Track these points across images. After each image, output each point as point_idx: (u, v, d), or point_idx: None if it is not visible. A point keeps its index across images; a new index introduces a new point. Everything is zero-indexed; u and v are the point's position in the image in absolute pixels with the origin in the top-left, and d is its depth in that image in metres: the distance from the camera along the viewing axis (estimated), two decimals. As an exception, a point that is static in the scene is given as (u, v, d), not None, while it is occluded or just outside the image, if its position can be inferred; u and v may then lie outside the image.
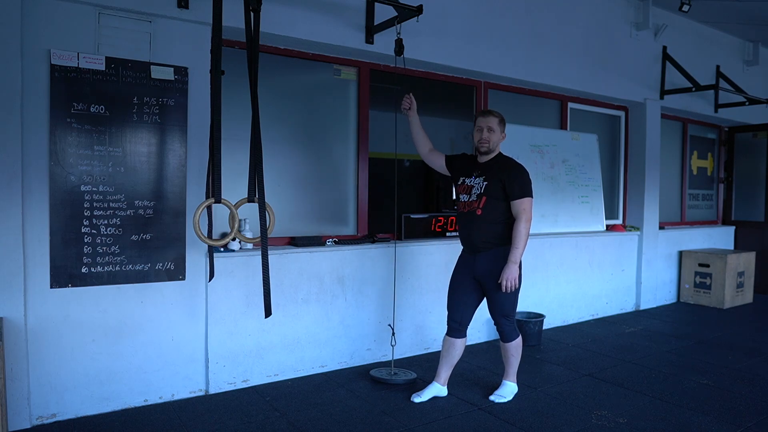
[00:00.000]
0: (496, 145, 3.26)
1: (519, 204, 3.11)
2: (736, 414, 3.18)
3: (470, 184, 3.26)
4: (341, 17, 3.74)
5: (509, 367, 3.39)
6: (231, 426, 2.95)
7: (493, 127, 3.22)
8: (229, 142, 3.40)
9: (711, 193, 7.39)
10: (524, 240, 3.11)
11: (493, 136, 3.22)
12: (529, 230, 3.14)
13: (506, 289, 3.10)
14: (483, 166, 3.27)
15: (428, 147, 3.53)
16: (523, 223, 3.10)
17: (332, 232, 4.09)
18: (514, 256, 3.10)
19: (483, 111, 3.34)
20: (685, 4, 5.26)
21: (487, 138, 3.22)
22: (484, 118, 3.26)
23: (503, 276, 3.09)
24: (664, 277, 6.31)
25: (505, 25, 4.61)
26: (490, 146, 3.23)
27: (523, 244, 3.10)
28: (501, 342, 3.35)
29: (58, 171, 2.92)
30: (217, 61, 2.85)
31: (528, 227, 3.12)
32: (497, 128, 3.24)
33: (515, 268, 3.10)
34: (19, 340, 2.84)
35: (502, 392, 3.36)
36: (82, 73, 2.95)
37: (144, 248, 3.15)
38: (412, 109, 3.47)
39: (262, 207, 2.90)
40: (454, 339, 3.33)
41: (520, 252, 3.11)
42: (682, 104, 6.20)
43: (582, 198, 5.40)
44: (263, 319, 3.37)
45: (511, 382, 3.41)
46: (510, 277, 3.08)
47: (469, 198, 3.24)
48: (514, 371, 3.40)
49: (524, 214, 3.10)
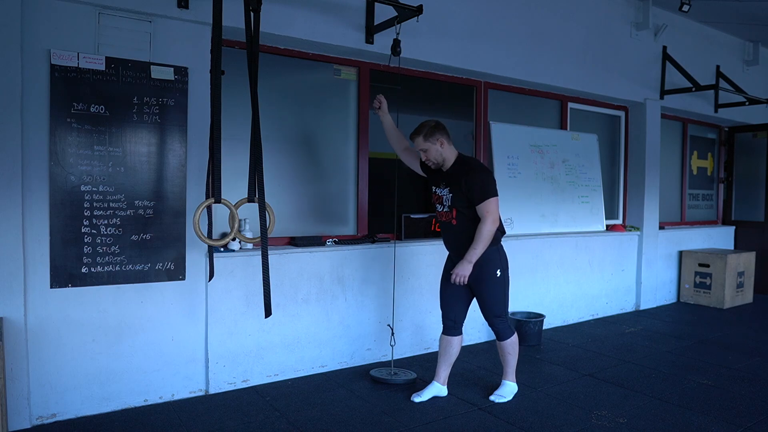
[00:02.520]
0: (441, 156, 3.20)
1: (483, 207, 3.08)
2: (736, 414, 3.18)
3: (440, 194, 3.27)
4: (341, 17, 3.74)
5: (507, 366, 3.39)
6: (231, 426, 2.95)
7: (424, 147, 3.18)
8: (229, 142, 3.40)
9: (711, 193, 7.39)
10: (485, 241, 3.08)
11: (431, 154, 3.19)
12: (493, 231, 3.10)
13: (453, 282, 3.13)
14: (446, 175, 3.25)
15: (403, 145, 3.54)
16: (488, 225, 3.06)
17: (332, 232, 4.09)
18: (469, 255, 3.08)
19: (412, 132, 3.23)
20: (685, 4, 5.26)
21: (427, 158, 3.22)
22: (414, 142, 3.23)
23: (454, 270, 3.13)
24: (664, 277, 6.31)
25: (505, 25, 4.61)
26: (436, 162, 3.22)
27: (482, 245, 3.08)
28: (497, 341, 3.36)
29: (58, 171, 2.92)
30: (217, 61, 2.85)
31: (492, 228, 3.08)
32: (429, 144, 3.17)
33: (468, 267, 3.10)
34: (19, 340, 2.84)
35: (502, 392, 3.37)
36: (82, 73, 2.95)
37: (144, 248, 3.15)
38: (382, 108, 3.49)
39: (262, 207, 2.90)
40: (451, 337, 3.35)
41: (478, 253, 3.09)
42: (682, 104, 6.20)
43: (582, 198, 5.40)
44: (263, 319, 3.37)
45: (511, 381, 3.41)
46: (460, 274, 3.10)
47: (442, 209, 3.27)
48: (512, 370, 3.40)
49: (489, 216, 3.07)
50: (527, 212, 4.96)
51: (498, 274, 3.21)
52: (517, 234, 4.86)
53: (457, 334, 3.35)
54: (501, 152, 4.85)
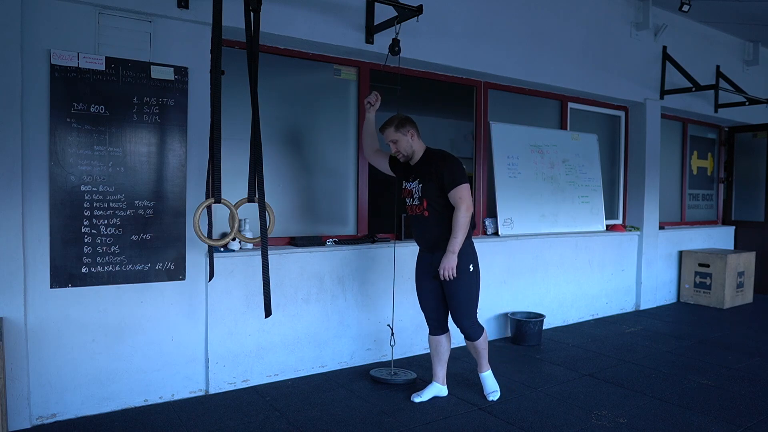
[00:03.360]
0: (411, 148, 3.21)
1: (455, 193, 3.06)
2: (736, 414, 3.18)
3: (410, 188, 3.26)
4: (341, 17, 3.74)
5: (481, 359, 3.37)
6: (231, 426, 2.95)
7: (395, 138, 3.19)
8: (229, 142, 3.40)
9: (711, 193, 7.39)
10: (463, 229, 3.05)
11: (401, 145, 3.20)
12: (468, 218, 3.06)
13: (443, 278, 3.07)
14: (415, 168, 3.25)
15: (375, 147, 3.53)
16: (463, 212, 3.03)
17: (332, 232, 4.09)
18: (452, 245, 3.04)
19: (382, 125, 3.24)
20: (685, 4, 5.26)
21: (397, 150, 3.22)
22: (384, 134, 3.23)
23: (441, 265, 3.06)
24: (664, 277, 6.31)
25: (505, 25, 4.61)
26: (406, 153, 3.22)
27: (462, 233, 3.04)
28: (467, 341, 3.33)
29: (58, 171, 2.92)
30: (217, 61, 2.85)
31: (468, 215, 3.05)
32: (400, 135, 3.18)
33: (453, 257, 3.05)
34: (19, 340, 2.84)
35: (489, 388, 3.36)
36: (82, 73, 2.95)
37: (144, 248, 3.15)
38: (374, 106, 3.46)
39: (262, 207, 2.90)
40: (438, 336, 3.35)
41: (459, 241, 3.05)
42: (682, 104, 6.20)
43: (582, 198, 5.40)
44: (263, 319, 3.37)
45: (486, 371, 3.39)
46: (448, 267, 3.04)
47: (412, 202, 3.25)
48: (486, 361, 3.38)
49: (462, 203, 3.04)
50: (527, 212, 4.97)
51: (471, 269, 3.17)
52: (517, 234, 4.86)
53: (443, 332, 3.34)
54: (501, 152, 4.86)
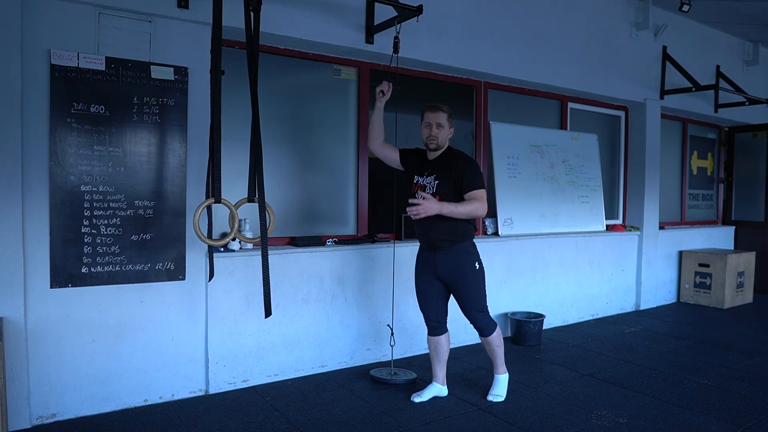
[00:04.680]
0: (445, 141, 3.19)
1: (473, 194, 3.02)
2: (736, 414, 3.18)
3: (424, 183, 3.21)
4: (341, 17, 3.74)
5: (496, 359, 3.36)
6: (231, 426, 2.95)
7: (442, 123, 3.14)
8: (229, 142, 3.40)
9: (711, 193, 7.39)
10: (468, 212, 2.98)
11: (441, 133, 3.15)
12: (478, 211, 3.00)
13: (408, 212, 2.93)
14: (433, 163, 3.21)
15: (382, 138, 3.44)
16: (477, 204, 2.98)
17: (332, 232, 4.09)
18: (446, 206, 2.95)
19: (431, 105, 3.17)
20: (685, 4, 5.26)
21: (436, 134, 3.14)
22: (433, 114, 3.14)
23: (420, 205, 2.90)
24: (664, 277, 6.31)
25: (505, 25, 4.61)
26: (439, 143, 3.17)
27: (463, 211, 2.97)
28: (481, 338, 3.32)
29: (58, 171, 2.92)
30: (217, 61, 2.85)
31: (481, 209, 2.99)
32: (446, 124, 3.16)
33: (435, 208, 2.92)
34: (19, 340, 2.84)
35: (497, 391, 3.36)
36: (82, 73, 2.95)
37: (144, 248, 3.15)
38: (386, 96, 3.33)
39: (262, 207, 2.90)
40: (437, 337, 3.34)
41: (455, 212, 2.96)
42: (682, 104, 6.20)
43: (582, 198, 5.40)
44: (263, 319, 3.37)
45: (503, 374, 3.39)
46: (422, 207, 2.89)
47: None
48: (501, 362, 3.37)
49: (480, 201, 3.00)
50: (527, 212, 4.96)
51: (477, 267, 3.17)
52: (517, 234, 4.86)
53: (442, 332, 3.34)
54: (501, 152, 4.86)
